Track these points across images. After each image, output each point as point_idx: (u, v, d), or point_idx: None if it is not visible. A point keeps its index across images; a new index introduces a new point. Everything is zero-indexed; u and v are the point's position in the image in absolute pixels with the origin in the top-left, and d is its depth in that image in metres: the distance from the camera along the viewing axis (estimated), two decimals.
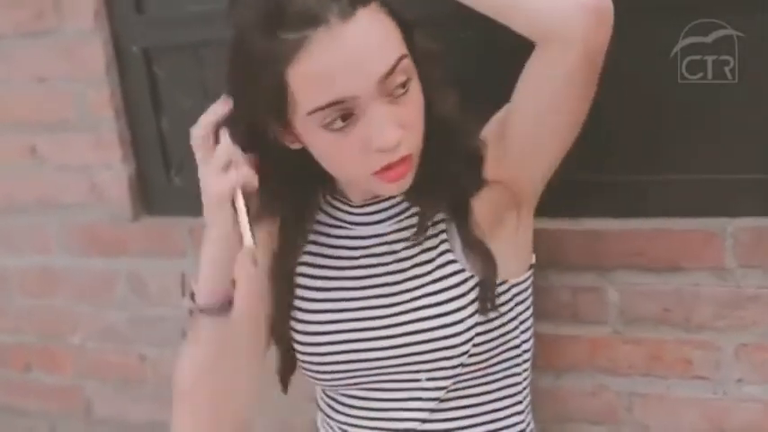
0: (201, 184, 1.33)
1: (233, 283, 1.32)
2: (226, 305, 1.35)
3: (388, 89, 1.25)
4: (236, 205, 1.31)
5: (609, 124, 1.62)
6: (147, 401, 2.36)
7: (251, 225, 1.31)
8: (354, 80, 1.24)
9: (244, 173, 1.31)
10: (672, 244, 1.66)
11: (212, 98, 1.35)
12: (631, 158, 1.67)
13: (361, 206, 1.47)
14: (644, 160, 1.66)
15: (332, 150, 1.32)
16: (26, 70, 2.24)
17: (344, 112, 1.25)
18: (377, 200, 1.46)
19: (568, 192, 1.46)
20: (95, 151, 2.21)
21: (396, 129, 1.27)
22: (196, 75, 2.03)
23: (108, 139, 2.18)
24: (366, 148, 1.27)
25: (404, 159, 1.30)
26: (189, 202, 2.04)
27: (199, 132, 1.33)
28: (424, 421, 1.48)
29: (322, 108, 1.25)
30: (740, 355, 1.66)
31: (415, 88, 1.30)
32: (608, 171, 1.69)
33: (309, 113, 1.26)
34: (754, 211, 1.61)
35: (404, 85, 1.27)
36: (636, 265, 1.69)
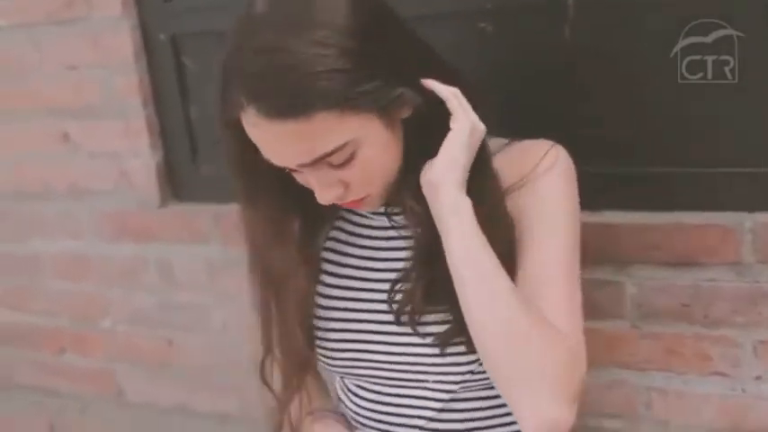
0: None
1: None
2: None
3: (323, 163, 1.27)
4: None
5: (620, 117, 1.63)
6: (176, 385, 2.39)
7: None
8: (278, 160, 1.28)
9: None
10: (690, 238, 1.64)
11: None
12: (650, 151, 1.66)
13: None
14: (662, 153, 1.65)
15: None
16: (57, 58, 2.26)
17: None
18: None
19: (586, 184, 1.44)
20: (124, 138, 2.23)
21: (332, 189, 1.30)
22: None
23: (136, 127, 2.20)
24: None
25: (355, 200, 1.34)
26: (215, 189, 2.08)
27: None
28: (431, 419, 1.47)
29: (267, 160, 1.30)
30: (759, 352, 1.64)
31: (369, 152, 1.28)
32: (626, 164, 1.67)
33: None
34: None
35: (348, 156, 1.27)
36: (653, 260, 1.67)
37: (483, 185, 1.37)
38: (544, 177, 1.37)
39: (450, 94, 1.30)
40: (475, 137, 1.31)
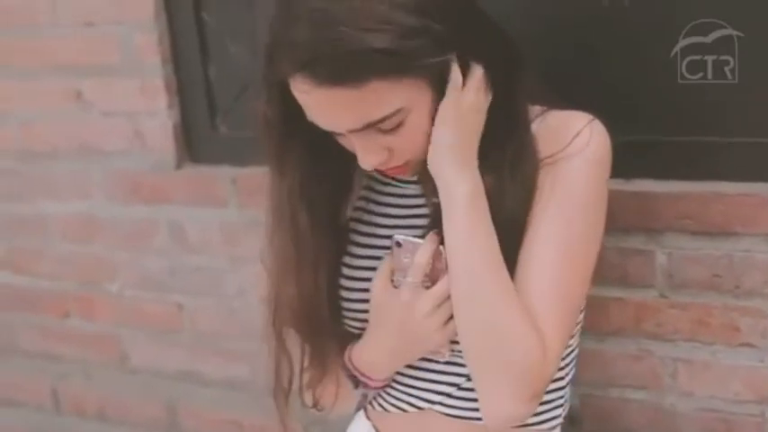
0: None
1: None
2: None
3: (372, 129, 1.25)
4: None
5: (662, 84, 1.61)
6: (183, 351, 2.36)
7: None
8: (326, 125, 1.27)
9: None
10: (725, 208, 1.62)
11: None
12: (686, 119, 1.64)
13: None
14: (699, 121, 1.63)
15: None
16: (74, 14, 2.22)
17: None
18: None
19: (620, 152, 1.42)
20: (141, 98, 2.19)
21: (377, 155, 1.29)
22: (245, 20, 2.00)
23: (154, 86, 2.16)
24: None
25: (396, 166, 1.33)
26: (233, 151, 2.05)
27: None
28: (459, 387, 1.45)
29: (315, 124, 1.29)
30: None
31: (418, 119, 1.27)
32: (661, 132, 1.66)
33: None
34: None
35: (398, 123, 1.26)
36: (687, 229, 1.65)
37: (519, 153, 1.35)
38: (573, 160, 1.34)
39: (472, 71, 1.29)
40: (463, 108, 1.29)
